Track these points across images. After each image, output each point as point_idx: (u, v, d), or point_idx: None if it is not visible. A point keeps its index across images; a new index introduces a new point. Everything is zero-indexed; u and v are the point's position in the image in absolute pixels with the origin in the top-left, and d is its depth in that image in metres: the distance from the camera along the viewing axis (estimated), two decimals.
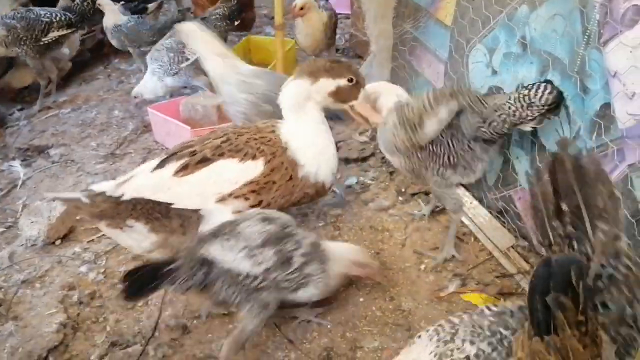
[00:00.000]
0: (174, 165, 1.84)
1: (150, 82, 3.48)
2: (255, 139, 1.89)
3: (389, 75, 3.03)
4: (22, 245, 2.43)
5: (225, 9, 3.59)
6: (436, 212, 2.45)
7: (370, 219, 2.46)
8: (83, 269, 2.27)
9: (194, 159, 1.83)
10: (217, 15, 3.55)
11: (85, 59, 4.51)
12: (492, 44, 2.20)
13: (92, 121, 3.58)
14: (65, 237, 2.48)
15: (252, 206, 1.85)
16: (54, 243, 2.44)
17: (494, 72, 2.21)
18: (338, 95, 1.90)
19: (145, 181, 1.85)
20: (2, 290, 2.17)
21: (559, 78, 1.87)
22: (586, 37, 1.73)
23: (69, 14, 3.95)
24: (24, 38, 3.81)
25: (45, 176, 3.06)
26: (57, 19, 3.90)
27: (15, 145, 3.43)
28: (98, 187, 1.90)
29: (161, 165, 1.87)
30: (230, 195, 1.82)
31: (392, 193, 2.62)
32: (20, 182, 3.02)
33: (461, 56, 2.40)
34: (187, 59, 3.40)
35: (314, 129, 1.95)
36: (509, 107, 1.88)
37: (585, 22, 1.73)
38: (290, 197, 1.89)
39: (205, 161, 1.84)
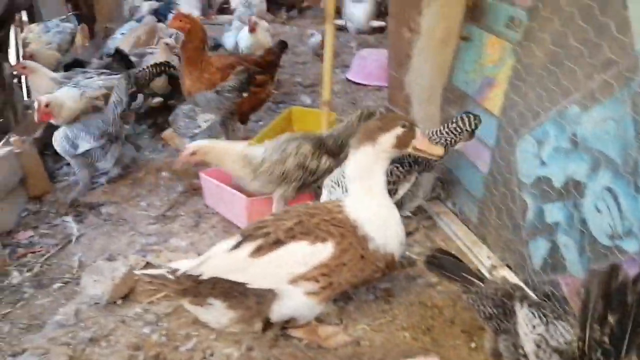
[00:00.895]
0: (249, 247, 1.99)
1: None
2: (326, 221, 2.03)
3: None
4: (84, 303, 2.55)
5: (236, 81, 3.77)
6: None
7: (419, 295, 2.57)
8: (146, 330, 2.37)
9: (268, 241, 1.97)
10: (228, 87, 3.75)
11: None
12: (542, 137, 2.37)
13: (140, 181, 3.74)
14: (125, 297, 2.59)
15: (323, 288, 1.97)
16: (115, 302, 2.55)
17: (543, 163, 2.37)
18: (400, 143, 2.04)
19: (223, 262, 2.00)
20: (71, 347, 2.27)
21: (611, 176, 2.02)
22: (638, 142, 1.90)
23: None
24: None
25: (99, 234, 3.19)
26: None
27: (66, 200, 3.58)
28: (179, 266, 2.03)
29: (237, 246, 2.00)
30: (301, 277, 1.95)
31: None
32: (74, 238, 3.15)
33: (509, 145, 2.57)
34: (199, 127, 3.60)
35: (378, 199, 2.08)
36: (447, 136, 2.72)
37: (638, 128, 1.90)
38: (361, 274, 2.01)
39: (278, 243, 1.97)
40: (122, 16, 6.86)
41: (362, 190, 2.07)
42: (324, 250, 1.96)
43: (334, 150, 2.92)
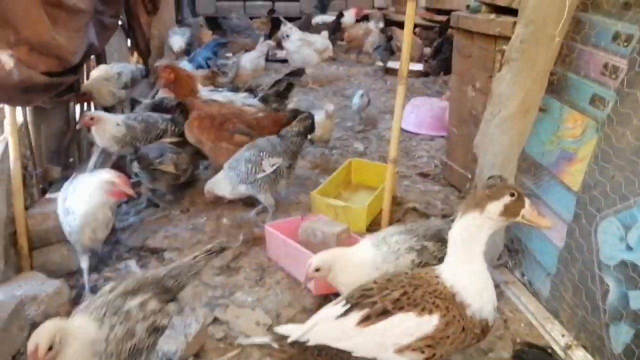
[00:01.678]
0: (356, 316, 2.02)
1: (224, 185, 3.76)
2: (430, 293, 2.04)
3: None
4: (157, 358, 2.56)
5: (302, 127, 3.91)
6: None
7: None
8: None
9: (375, 311, 2.00)
10: (293, 132, 3.86)
11: None
12: (629, 222, 2.34)
13: (202, 227, 3.77)
14: (197, 355, 2.60)
15: (427, 359, 1.98)
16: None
17: (629, 248, 2.34)
18: (507, 212, 2.03)
19: (330, 329, 2.03)
20: None
21: None
22: None
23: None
24: (140, 139, 4.12)
25: None
26: (171, 128, 4.22)
27: (128, 243, 3.63)
28: (284, 330, 2.07)
29: (345, 314, 2.03)
30: (407, 347, 1.96)
31: (507, 343, 2.70)
32: None
33: (590, 224, 2.54)
34: (264, 171, 3.67)
35: (477, 265, 2.08)
36: None
37: None
38: (461, 345, 2.04)
39: (385, 313, 2.00)
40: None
41: (462, 256, 2.09)
42: (430, 323, 1.98)
43: (175, 293, 2.38)
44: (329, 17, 9.42)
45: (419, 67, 8.35)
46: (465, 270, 2.06)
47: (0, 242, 3.03)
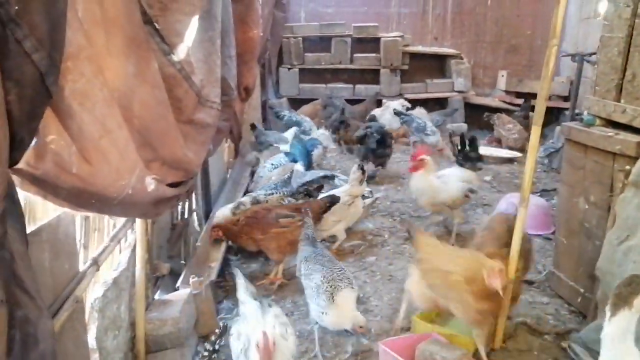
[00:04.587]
0: None
1: (335, 312, 3.51)
2: None
3: None
4: None
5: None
6: None
7: None
8: None
9: None
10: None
11: None
12: None
13: (307, 334, 3.74)
14: None
15: None
16: None
17: None
18: None
19: None
20: None
21: None
22: None
23: None
24: None
25: None
26: None
27: None
28: None
29: None
30: None
31: None
32: None
33: None
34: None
35: (635, 356, 2.26)
36: None
37: None
38: None
39: None
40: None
41: (621, 351, 2.27)
42: None
43: None
44: None
45: (500, 152, 8.29)
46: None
47: (122, 349, 3.11)
